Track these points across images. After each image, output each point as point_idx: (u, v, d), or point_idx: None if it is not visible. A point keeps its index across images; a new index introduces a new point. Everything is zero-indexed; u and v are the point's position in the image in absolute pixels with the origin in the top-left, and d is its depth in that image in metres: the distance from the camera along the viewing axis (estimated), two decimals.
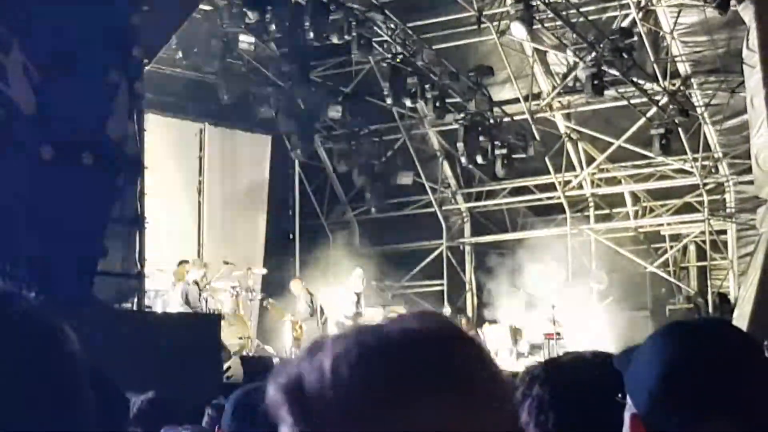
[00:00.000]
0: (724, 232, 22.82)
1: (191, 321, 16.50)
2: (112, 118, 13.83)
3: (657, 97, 21.88)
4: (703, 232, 22.88)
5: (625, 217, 23.84)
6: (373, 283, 22.54)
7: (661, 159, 22.44)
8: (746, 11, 18.61)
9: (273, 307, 20.63)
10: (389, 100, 22.33)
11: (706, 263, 23.17)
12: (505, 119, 23.00)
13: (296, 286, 20.46)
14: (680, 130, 21.95)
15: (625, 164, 23.42)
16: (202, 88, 22.42)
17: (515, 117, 23.06)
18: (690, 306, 22.35)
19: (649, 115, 22.05)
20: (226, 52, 22.12)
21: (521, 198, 24.59)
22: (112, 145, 13.72)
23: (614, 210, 23.96)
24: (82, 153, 13.09)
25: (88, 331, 1.68)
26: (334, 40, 20.49)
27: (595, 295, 22.56)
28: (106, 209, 13.87)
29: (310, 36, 20.54)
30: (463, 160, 22.89)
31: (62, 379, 1.44)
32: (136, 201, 14.59)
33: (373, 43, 21.36)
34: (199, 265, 18.93)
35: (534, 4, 20.02)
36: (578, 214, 23.78)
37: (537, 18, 20.51)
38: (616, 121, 22.90)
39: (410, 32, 21.65)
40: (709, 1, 19.52)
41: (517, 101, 23.03)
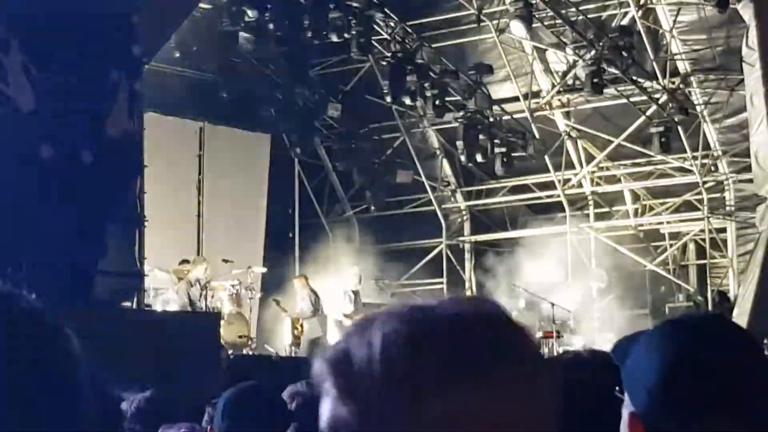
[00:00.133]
0: (723, 230, 22.82)
1: (191, 320, 16.50)
2: (112, 116, 13.84)
3: (656, 96, 21.87)
4: (702, 230, 22.87)
5: (625, 216, 23.84)
6: (373, 281, 22.53)
7: (661, 157, 22.43)
8: (746, 9, 18.62)
9: (280, 304, 20.63)
10: (389, 98, 22.31)
11: (705, 261, 23.17)
12: (505, 117, 22.99)
13: (300, 284, 20.45)
14: (680, 128, 21.95)
15: (624, 162, 23.42)
16: (201, 86, 22.41)
17: (515, 115, 23.05)
18: (690, 304, 22.34)
19: (648, 113, 22.05)
20: (225, 50, 22.11)
21: (521, 196, 24.58)
22: (111, 143, 13.72)
23: (614, 208, 23.95)
24: (82, 152, 13.09)
25: (87, 331, 1.68)
26: (334, 38, 20.49)
27: (594, 294, 22.56)
28: (106, 208, 13.87)
29: (309, 34, 20.53)
30: (463, 158, 22.88)
31: (62, 379, 1.44)
32: (135, 200, 14.61)
33: (372, 42, 21.35)
34: (201, 261, 18.92)
35: (533, 2, 20.02)
36: (578, 212, 23.77)
37: (536, 16, 20.52)
38: (616, 120, 22.89)
39: (410, 30, 21.64)
40: None
41: (517, 99, 23.02)
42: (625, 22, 21.53)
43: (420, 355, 1.26)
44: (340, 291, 20.14)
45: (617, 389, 2.01)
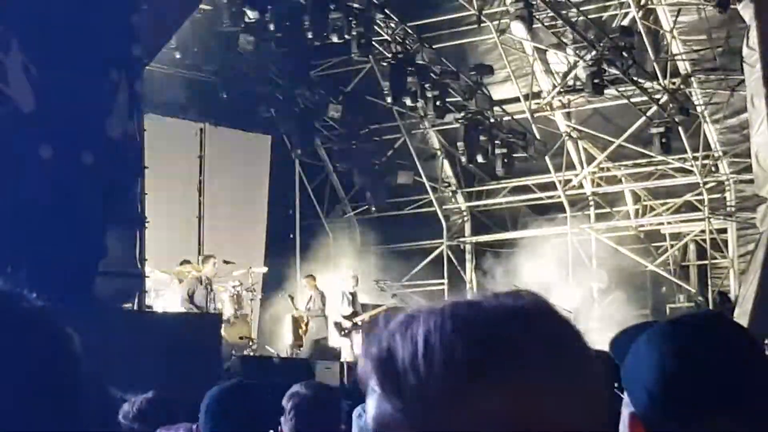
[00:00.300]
0: (724, 230, 22.82)
1: (192, 321, 16.50)
2: (112, 117, 13.83)
3: (657, 96, 21.87)
4: (703, 231, 22.87)
5: (626, 216, 23.84)
6: (374, 282, 22.53)
7: (662, 158, 22.43)
8: (746, 10, 18.61)
9: (293, 300, 20.65)
10: (389, 99, 22.31)
11: (706, 262, 23.16)
12: (506, 118, 22.99)
13: (309, 284, 20.45)
14: (680, 128, 21.95)
15: (625, 163, 23.42)
16: (202, 87, 22.41)
17: (515, 116, 23.05)
18: (690, 305, 22.34)
19: (649, 113, 22.04)
20: (226, 51, 22.12)
21: (522, 197, 24.59)
22: (111, 144, 13.72)
23: (614, 209, 23.95)
24: (82, 153, 13.09)
25: (88, 332, 1.68)
26: (334, 39, 20.48)
27: (595, 294, 22.56)
28: (106, 209, 13.87)
29: (309, 35, 20.53)
30: (463, 159, 22.88)
31: (63, 379, 1.44)
32: (136, 201, 14.61)
33: (373, 42, 21.35)
34: (208, 259, 18.97)
35: (534, 2, 20.02)
36: (578, 213, 23.77)
37: (537, 17, 20.52)
38: (617, 120, 22.90)
39: (410, 31, 21.64)
40: None
41: (518, 100, 23.02)
42: (625, 22, 21.53)
43: (464, 350, 1.25)
44: (338, 293, 20.16)
45: (616, 386, 2.01)
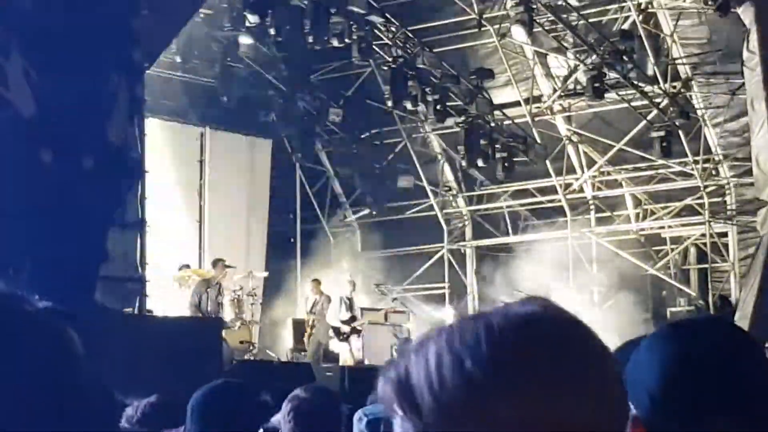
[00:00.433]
0: (725, 234, 22.80)
1: (192, 325, 16.49)
2: (113, 122, 13.84)
3: (657, 100, 21.86)
4: (704, 235, 22.86)
5: (626, 220, 23.82)
6: (374, 286, 22.53)
7: (662, 161, 22.42)
8: (746, 13, 18.61)
9: (320, 285, 20.66)
10: (390, 103, 22.31)
11: (707, 266, 23.14)
12: (506, 122, 22.99)
13: (315, 288, 20.43)
14: (681, 132, 21.94)
15: (625, 167, 23.41)
16: (202, 92, 22.41)
17: (516, 120, 23.04)
18: (691, 308, 22.33)
19: (649, 117, 22.04)
20: (226, 55, 22.13)
21: (522, 201, 24.59)
22: (112, 149, 13.73)
23: (615, 213, 23.94)
24: (83, 157, 13.09)
25: (89, 335, 1.69)
26: (335, 43, 20.48)
27: (596, 298, 22.54)
28: (107, 213, 13.87)
29: (310, 39, 20.53)
30: (464, 163, 22.88)
31: (65, 381, 1.45)
32: (137, 205, 14.62)
33: (373, 47, 21.36)
34: (215, 264, 19.04)
35: (535, 6, 20.02)
36: (579, 216, 23.76)
37: (537, 21, 20.52)
38: (617, 124, 22.89)
39: (411, 35, 21.64)
40: (710, 3, 19.52)
41: (518, 104, 23.02)
42: (626, 26, 21.54)
43: (473, 363, 1.25)
44: (336, 298, 20.15)
45: None
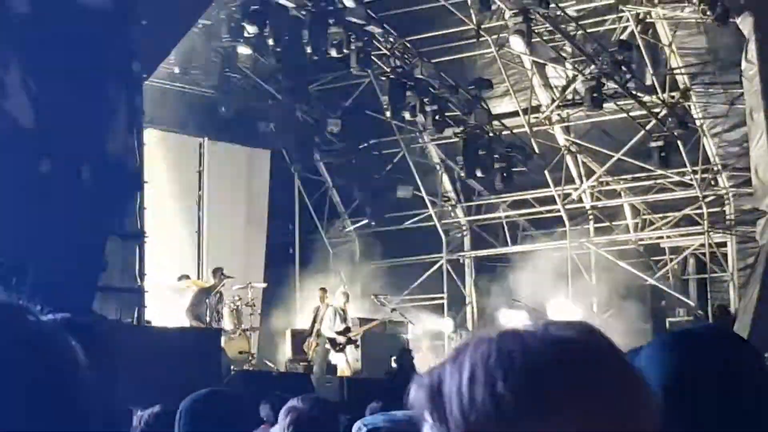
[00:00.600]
0: (724, 244, 22.79)
1: (192, 335, 16.49)
2: (112, 132, 13.86)
3: (656, 110, 21.87)
4: (703, 245, 22.85)
5: (625, 230, 23.81)
6: (373, 297, 22.51)
7: (661, 171, 22.43)
8: (745, 23, 18.65)
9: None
10: (388, 113, 22.34)
11: (706, 276, 23.14)
12: (505, 132, 23.00)
13: (321, 297, 20.40)
14: (679, 142, 21.94)
15: (624, 177, 23.41)
16: (201, 102, 22.43)
17: (514, 130, 23.05)
18: (690, 318, 22.32)
19: (648, 127, 22.04)
20: (224, 66, 22.15)
21: (521, 211, 24.58)
22: (111, 159, 13.73)
23: (614, 223, 23.93)
24: (82, 168, 13.10)
25: (91, 346, 1.68)
26: (333, 53, 20.52)
27: (595, 308, 22.53)
28: (106, 224, 13.87)
29: (309, 50, 20.56)
30: (463, 173, 22.89)
31: (70, 392, 1.44)
32: (135, 215, 14.61)
33: (372, 57, 21.38)
34: (214, 273, 19.07)
35: (533, 17, 20.04)
36: (578, 227, 23.75)
37: (536, 31, 20.54)
38: (616, 134, 22.89)
39: (409, 46, 21.67)
40: (708, 13, 19.54)
41: (517, 114, 23.01)
42: (624, 36, 21.55)
43: (505, 384, 1.25)
44: (330, 309, 20.12)
45: None
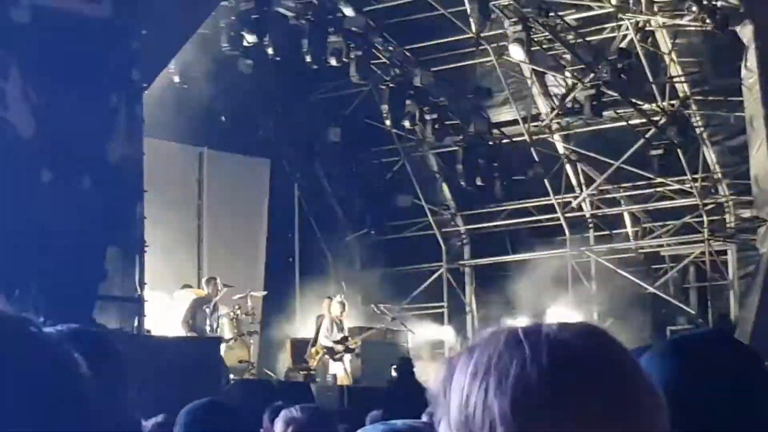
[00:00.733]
0: (724, 252, 22.79)
1: (191, 345, 16.47)
2: (112, 141, 13.86)
3: (656, 118, 21.89)
4: (703, 253, 22.85)
5: (625, 238, 23.81)
6: (372, 305, 22.50)
7: (661, 180, 22.45)
8: (745, 31, 18.67)
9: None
10: (388, 122, 22.36)
11: (706, 284, 23.14)
12: (504, 141, 23.01)
13: (327, 306, 20.38)
14: (679, 150, 21.96)
15: (624, 185, 23.42)
16: (201, 111, 22.40)
17: (514, 139, 23.07)
18: (691, 327, 22.31)
19: (648, 135, 22.06)
20: (224, 75, 22.14)
21: (521, 220, 24.58)
22: (111, 168, 13.74)
23: (614, 231, 23.94)
24: (82, 177, 13.10)
25: (101, 357, 1.67)
26: (333, 62, 20.53)
27: (595, 316, 22.52)
28: (106, 233, 13.87)
29: (308, 59, 20.57)
30: (462, 182, 22.90)
31: (74, 404, 1.43)
32: (135, 225, 14.60)
33: (371, 66, 21.40)
34: (208, 282, 19.03)
35: (532, 26, 20.07)
36: (578, 235, 23.76)
37: (535, 40, 20.57)
38: (615, 142, 22.90)
39: (409, 54, 21.69)
40: (708, 21, 19.56)
41: (516, 123, 23.04)
42: (623, 45, 21.56)
43: (514, 385, 1.25)
44: (327, 319, 20.12)
45: None
